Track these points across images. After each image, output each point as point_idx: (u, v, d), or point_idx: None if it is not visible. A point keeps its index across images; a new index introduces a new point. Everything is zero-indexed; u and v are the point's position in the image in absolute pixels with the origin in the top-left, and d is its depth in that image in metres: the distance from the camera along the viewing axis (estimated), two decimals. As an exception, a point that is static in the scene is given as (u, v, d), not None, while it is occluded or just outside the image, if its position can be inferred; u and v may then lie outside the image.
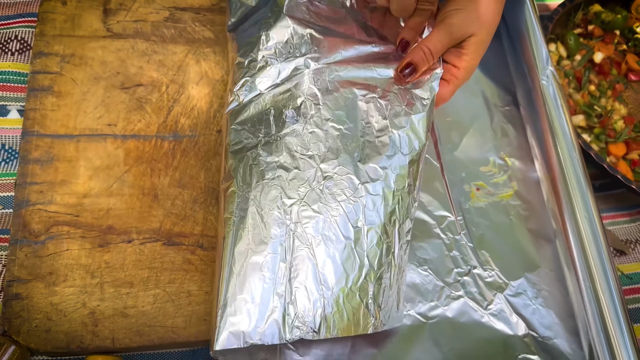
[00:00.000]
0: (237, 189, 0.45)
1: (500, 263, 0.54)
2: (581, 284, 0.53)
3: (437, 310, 0.51)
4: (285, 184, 0.45)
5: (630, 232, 0.67)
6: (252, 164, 0.46)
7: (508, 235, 0.56)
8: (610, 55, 0.78)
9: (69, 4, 0.61)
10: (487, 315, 0.51)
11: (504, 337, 0.51)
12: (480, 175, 0.60)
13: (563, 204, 0.56)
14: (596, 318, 0.51)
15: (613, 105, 0.73)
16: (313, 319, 0.42)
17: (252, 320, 0.41)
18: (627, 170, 0.68)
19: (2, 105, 0.59)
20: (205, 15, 0.63)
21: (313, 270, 0.43)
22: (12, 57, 0.62)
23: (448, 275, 0.52)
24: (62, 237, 0.49)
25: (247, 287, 0.42)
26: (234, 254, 0.43)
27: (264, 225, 0.44)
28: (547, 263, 0.56)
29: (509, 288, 0.53)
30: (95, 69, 0.57)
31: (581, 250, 0.54)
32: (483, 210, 0.57)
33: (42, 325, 0.46)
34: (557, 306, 0.53)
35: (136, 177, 0.53)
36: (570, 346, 0.52)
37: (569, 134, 0.59)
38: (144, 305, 0.47)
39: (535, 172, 0.61)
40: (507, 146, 0.62)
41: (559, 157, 0.58)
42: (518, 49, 0.66)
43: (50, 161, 0.52)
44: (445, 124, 0.62)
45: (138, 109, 0.56)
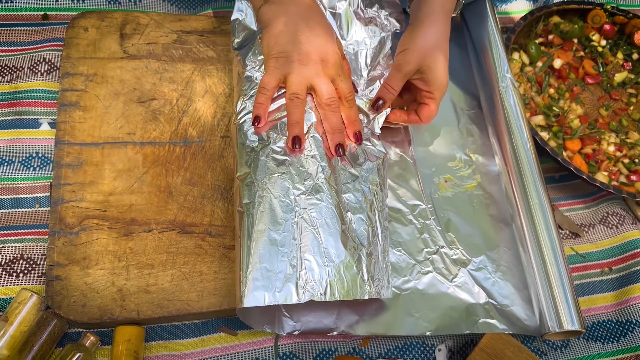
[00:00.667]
0: (255, 180, 0.55)
1: (464, 243, 0.63)
2: (532, 260, 0.62)
3: (409, 284, 0.60)
4: (294, 178, 0.55)
5: (585, 217, 0.76)
6: (266, 160, 0.55)
7: (471, 220, 0.66)
8: (569, 61, 0.87)
9: (90, 30, 0.70)
10: (452, 286, 0.60)
11: (467, 305, 0.60)
12: (448, 170, 0.69)
13: (519, 192, 0.66)
14: (545, 289, 0.60)
15: (570, 106, 0.82)
16: (320, 284, 0.51)
17: (272, 284, 0.50)
18: (581, 163, 0.77)
19: (34, 118, 0.69)
20: (208, 37, 0.72)
21: (318, 246, 0.53)
22: (42, 77, 0.72)
23: (419, 254, 0.62)
24: (92, 229, 0.59)
25: (267, 258, 0.51)
26: (254, 232, 0.52)
27: (279, 209, 0.53)
28: (505, 243, 0.65)
29: (472, 264, 0.62)
30: (115, 86, 0.67)
31: (533, 231, 0.63)
32: (450, 199, 0.67)
33: (78, 301, 0.55)
34: (513, 279, 0.63)
35: (153, 177, 0.62)
36: (525, 312, 0.61)
37: (525, 133, 0.69)
38: (163, 283, 0.57)
39: (495, 166, 0.70)
40: (472, 144, 0.72)
41: (515, 153, 0.67)
42: (481, 60, 0.76)
43: (80, 165, 0.62)
44: (418, 126, 0.71)
45: (153, 120, 0.65)
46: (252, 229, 0.52)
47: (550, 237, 0.62)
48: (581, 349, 0.65)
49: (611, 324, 0.68)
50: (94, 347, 0.56)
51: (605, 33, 0.89)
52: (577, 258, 0.72)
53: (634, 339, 0.67)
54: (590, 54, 0.89)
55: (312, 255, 0.52)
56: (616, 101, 0.86)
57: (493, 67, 0.74)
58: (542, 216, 0.63)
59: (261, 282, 0.50)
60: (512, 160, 0.67)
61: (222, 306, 0.57)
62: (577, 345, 0.65)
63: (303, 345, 0.60)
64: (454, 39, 0.82)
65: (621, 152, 0.79)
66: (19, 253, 0.60)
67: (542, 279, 0.61)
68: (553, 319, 0.59)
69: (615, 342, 0.67)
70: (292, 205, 0.54)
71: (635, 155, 0.79)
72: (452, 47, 0.81)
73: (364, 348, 0.61)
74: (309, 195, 0.55)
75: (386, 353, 0.61)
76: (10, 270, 0.60)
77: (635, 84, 0.88)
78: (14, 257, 0.60)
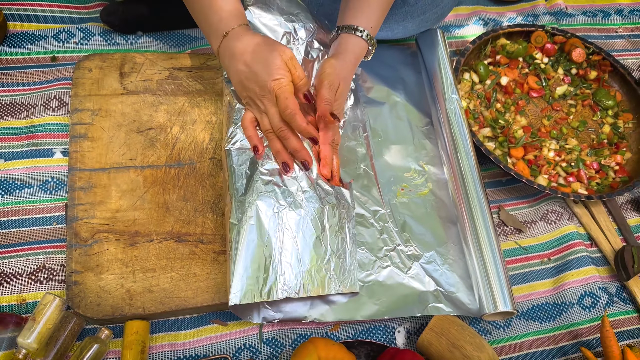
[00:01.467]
0: (245, 198, 0.66)
1: (417, 241, 0.75)
2: (473, 253, 0.73)
3: (371, 276, 0.71)
4: (278, 196, 0.67)
5: (528, 215, 0.88)
6: (255, 181, 0.67)
7: (424, 221, 0.77)
8: (515, 78, 0.99)
9: (94, 71, 0.82)
10: (407, 277, 0.72)
11: (419, 292, 0.71)
12: (404, 179, 0.81)
13: (462, 197, 0.77)
14: (483, 277, 0.72)
15: (515, 118, 0.94)
16: (295, 284, 0.63)
17: (256, 286, 0.62)
18: (524, 168, 0.88)
19: (49, 148, 0.80)
20: (196, 72, 0.84)
21: (295, 253, 0.65)
22: (54, 112, 0.83)
23: (379, 251, 0.73)
24: (103, 241, 0.70)
25: (254, 262, 0.63)
26: (245, 242, 0.63)
27: (265, 222, 0.65)
28: (452, 240, 0.76)
29: (423, 258, 0.74)
30: (117, 118, 0.78)
31: (474, 229, 0.74)
32: (406, 204, 0.78)
33: (94, 302, 0.66)
34: (459, 270, 0.74)
35: (152, 196, 0.74)
36: (468, 297, 0.72)
37: (468, 146, 0.81)
38: (164, 283, 0.68)
39: (444, 175, 0.82)
40: (425, 156, 0.83)
41: (459, 163, 0.79)
42: (432, 82, 0.88)
43: (90, 188, 0.73)
44: (378, 142, 0.83)
45: (151, 146, 0.77)
46: (243, 239, 0.63)
47: (488, 234, 0.74)
48: (521, 327, 0.77)
49: (548, 306, 0.79)
50: (108, 339, 0.67)
51: (547, 51, 1.01)
52: (520, 251, 0.83)
53: (567, 318, 0.78)
54: (534, 71, 1.01)
55: (289, 260, 0.64)
56: (557, 112, 0.97)
57: (442, 89, 0.85)
58: (482, 216, 0.75)
59: (250, 281, 0.62)
60: (457, 170, 0.79)
61: (213, 301, 0.68)
62: (518, 324, 0.77)
63: (283, 332, 0.71)
64: (410, 64, 0.95)
65: (560, 157, 0.91)
66: (42, 264, 0.72)
67: (480, 269, 0.72)
68: (490, 302, 0.70)
69: (552, 321, 0.78)
70: (276, 219, 0.65)
71: (572, 159, 0.91)
72: (409, 71, 0.94)
73: (335, 332, 0.72)
74: (290, 210, 0.66)
75: (354, 335, 0.72)
76: (35, 278, 0.71)
77: (574, 95, 0.99)
78: (37, 268, 0.71)
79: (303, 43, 0.80)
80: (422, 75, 0.92)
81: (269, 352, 0.70)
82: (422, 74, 0.92)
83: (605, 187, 0.89)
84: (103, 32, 0.92)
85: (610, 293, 0.81)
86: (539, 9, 1.12)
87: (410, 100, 0.89)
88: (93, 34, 0.91)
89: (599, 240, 0.86)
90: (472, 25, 1.07)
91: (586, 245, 0.85)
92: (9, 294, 0.70)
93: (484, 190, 0.77)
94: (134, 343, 0.66)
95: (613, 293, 0.82)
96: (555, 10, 1.13)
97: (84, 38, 0.91)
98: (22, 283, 0.70)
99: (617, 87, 1.01)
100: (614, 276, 0.83)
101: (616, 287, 0.83)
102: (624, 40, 1.14)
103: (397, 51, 0.96)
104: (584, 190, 0.87)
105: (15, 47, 0.89)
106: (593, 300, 0.79)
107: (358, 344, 0.68)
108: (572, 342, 0.77)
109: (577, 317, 0.78)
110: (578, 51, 1.01)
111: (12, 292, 0.70)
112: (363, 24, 0.72)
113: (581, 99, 0.99)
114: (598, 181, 0.90)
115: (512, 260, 0.82)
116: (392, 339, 0.73)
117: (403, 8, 0.87)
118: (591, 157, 0.92)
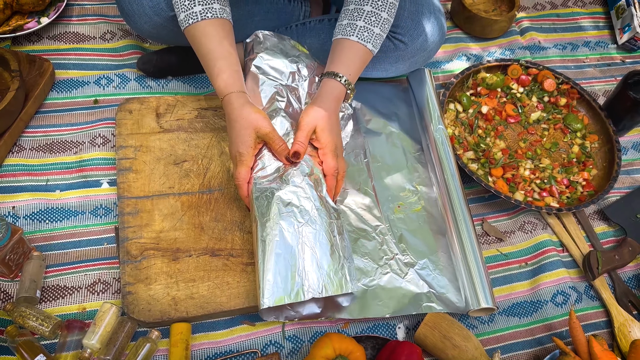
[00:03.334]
0: (269, 219, 0.78)
1: (413, 250, 0.88)
2: (459, 260, 0.87)
3: (374, 282, 0.84)
4: (297, 215, 0.79)
5: (508, 226, 1.02)
6: (276, 203, 0.79)
7: (418, 234, 0.91)
8: (494, 106, 1.13)
9: (133, 113, 0.96)
10: (404, 282, 0.85)
11: (415, 294, 0.84)
12: (400, 198, 0.95)
13: (449, 212, 0.91)
14: (468, 280, 0.85)
15: (494, 142, 1.08)
16: (317, 286, 0.76)
17: (286, 290, 0.74)
18: (503, 185, 1.02)
19: (97, 180, 0.94)
20: (220, 111, 0.99)
21: (315, 261, 0.77)
22: (99, 148, 0.97)
23: (380, 260, 0.86)
24: (150, 257, 0.84)
25: (283, 273, 0.75)
26: (272, 255, 0.76)
27: (288, 237, 0.77)
28: (442, 249, 0.90)
29: (418, 265, 0.87)
30: (156, 153, 0.93)
31: (460, 239, 0.88)
32: (402, 220, 0.92)
33: (145, 308, 0.80)
34: (448, 274, 0.88)
35: (189, 218, 0.87)
36: (456, 297, 0.85)
37: (453, 168, 0.95)
38: (203, 291, 0.82)
39: (434, 194, 0.96)
40: (417, 178, 0.98)
41: (445, 183, 0.93)
42: (422, 114, 1.03)
43: (137, 213, 0.87)
44: (376, 166, 0.97)
45: (186, 176, 0.91)
46: (271, 252, 0.76)
47: (471, 243, 0.87)
48: (503, 322, 0.90)
49: (526, 303, 0.93)
50: (157, 339, 0.80)
51: (522, 82, 1.16)
52: (501, 257, 0.97)
53: (542, 313, 0.92)
54: (511, 100, 1.15)
55: (311, 267, 0.77)
56: (532, 135, 1.12)
57: (430, 120, 1.00)
58: (466, 229, 0.89)
59: (281, 288, 0.74)
60: (444, 189, 0.93)
61: (244, 305, 0.81)
62: (500, 319, 0.90)
63: (302, 330, 0.85)
64: (403, 98, 1.10)
65: (534, 175, 1.05)
66: (97, 278, 0.85)
67: (466, 273, 0.86)
68: (474, 300, 0.84)
69: (529, 316, 0.92)
70: (296, 234, 0.78)
71: (545, 177, 1.05)
72: (402, 104, 1.09)
73: (346, 329, 0.86)
74: (308, 226, 0.79)
75: (361, 331, 0.86)
76: (93, 290, 0.84)
77: (547, 120, 1.14)
78: (94, 282, 0.85)
79: (306, 79, 0.94)
80: (413, 108, 1.06)
81: (290, 347, 0.83)
82: (413, 107, 1.07)
83: (574, 200, 1.03)
84: (138, 77, 1.06)
85: (579, 291, 0.95)
86: (515, 44, 1.27)
87: (404, 130, 1.04)
88: (129, 79, 1.06)
89: (570, 246, 1.00)
90: (456, 61, 1.22)
91: (558, 251, 0.99)
92: (72, 304, 0.83)
93: (468, 206, 0.91)
94: (179, 342, 0.79)
95: (582, 291, 0.95)
96: (529, 44, 1.28)
97: (121, 83, 1.05)
98: (82, 294, 0.84)
99: (584, 112, 1.15)
100: (583, 277, 0.97)
101: (584, 286, 0.96)
102: (592, 68, 1.29)
103: (392, 88, 1.11)
104: (556, 204, 1.01)
105: (62, 92, 1.03)
106: (564, 297, 0.93)
107: (365, 338, 0.82)
108: (547, 333, 0.90)
109: (550, 313, 0.91)
110: (549, 81, 1.15)
111: (75, 303, 0.83)
112: (343, 71, 0.86)
113: (553, 123, 1.13)
114: (568, 195, 1.04)
115: (495, 265, 0.96)
116: (393, 333, 0.86)
117: (395, 52, 1.02)
118: (562, 175, 1.06)
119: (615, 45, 1.34)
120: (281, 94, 0.90)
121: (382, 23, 0.87)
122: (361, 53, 0.87)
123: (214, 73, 0.84)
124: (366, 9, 0.86)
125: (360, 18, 0.86)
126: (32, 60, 1.01)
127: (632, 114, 1.09)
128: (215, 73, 0.84)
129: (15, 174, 0.93)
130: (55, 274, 0.85)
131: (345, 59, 0.87)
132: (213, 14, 0.83)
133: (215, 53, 0.83)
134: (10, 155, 0.94)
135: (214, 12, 0.83)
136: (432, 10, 1.02)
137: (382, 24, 0.87)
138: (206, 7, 0.83)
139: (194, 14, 0.83)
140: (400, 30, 0.99)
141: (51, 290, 0.83)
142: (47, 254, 0.86)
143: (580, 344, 0.82)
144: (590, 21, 1.37)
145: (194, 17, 0.83)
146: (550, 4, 1.39)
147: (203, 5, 0.82)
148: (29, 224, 0.88)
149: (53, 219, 0.89)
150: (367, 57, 0.89)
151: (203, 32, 0.83)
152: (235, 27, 0.92)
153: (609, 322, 0.92)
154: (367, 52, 0.87)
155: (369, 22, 0.86)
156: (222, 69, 0.83)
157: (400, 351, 0.76)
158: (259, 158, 0.85)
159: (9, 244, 0.78)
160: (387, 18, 0.87)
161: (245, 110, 0.82)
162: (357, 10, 0.86)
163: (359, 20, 0.86)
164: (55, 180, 0.93)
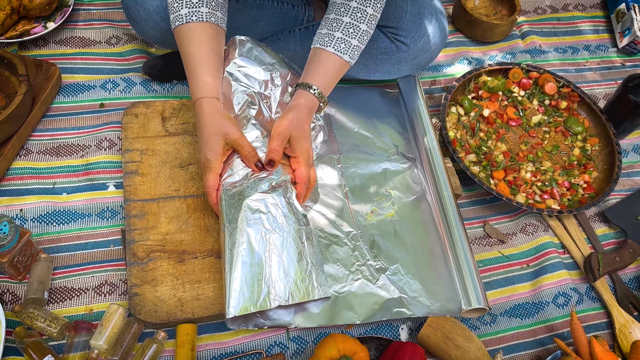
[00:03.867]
0: (238, 225, 0.77)
1: (384, 256, 0.87)
2: (452, 262, 0.88)
3: (345, 288, 0.83)
4: (264, 222, 0.79)
5: (509, 228, 1.03)
6: (244, 210, 0.78)
7: (390, 239, 0.89)
8: (495, 109, 1.15)
9: (139, 117, 0.98)
10: (375, 287, 0.83)
11: (386, 299, 0.82)
12: (374, 203, 0.94)
13: (440, 217, 0.92)
14: (461, 282, 0.85)
15: (496, 145, 1.09)
16: (284, 294, 0.75)
17: (252, 299, 0.74)
18: (504, 188, 1.03)
19: (103, 182, 0.95)
20: (225, 115, 1.00)
21: (282, 268, 0.77)
22: (105, 151, 0.99)
23: (352, 266, 0.85)
24: (156, 259, 0.85)
25: (248, 280, 0.74)
26: (239, 263, 0.75)
27: (255, 245, 0.77)
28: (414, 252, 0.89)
29: (389, 270, 0.86)
30: (162, 156, 0.94)
31: (452, 243, 0.89)
32: (375, 225, 0.91)
33: (152, 309, 0.81)
34: (420, 278, 0.86)
35: (195, 220, 0.89)
36: (429, 301, 0.84)
37: (443, 172, 0.96)
38: (208, 292, 0.83)
39: (408, 199, 0.95)
40: (391, 182, 0.97)
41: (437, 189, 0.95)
42: (412, 122, 1.04)
43: (143, 215, 0.88)
44: (350, 172, 0.96)
45: (191, 179, 0.92)
46: (237, 261, 0.74)
47: (463, 247, 0.88)
48: (505, 323, 0.91)
49: (528, 305, 0.94)
50: (164, 340, 0.81)
51: (523, 86, 1.17)
52: (503, 259, 0.98)
53: (544, 314, 0.93)
54: (512, 103, 1.17)
55: (278, 275, 0.76)
56: (533, 138, 1.13)
57: (420, 126, 1.02)
58: (458, 232, 0.90)
59: (247, 297, 0.73)
60: (435, 194, 0.95)
61: (249, 306, 0.82)
62: (502, 320, 0.91)
63: (306, 331, 0.86)
64: (393, 105, 1.11)
65: (536, 178, 1.06)
66: (104, 280, 0.86)
67: (457, 274, 0.86)
68: (465, 300, 0.84)
69: (531, 317, 0.93)
70: (264, 242, 0.77)
71: (546, 179, 1.06)
72: (394, 109, 1.10)
73: (349, 330, 0.87)
74: (275, 233, 0.78)
75: (365, 332, 0.87)
76: (100, 292, 0.86)
77: (548, 123, 1.15)
78: (101, 283, 0.86)
79: (278, 88, 0.93)
80: (404, 116, 1.08)
81: (295, 348, 0.84)
82: (403, 112, 1.08)
83: (575, 203, 1.04)
84: (143, 82, 1.08)
85: (580, 293, 0.96)
86: (516, 48, 1.29)
87: (378, 135, 1.03)
88: (135, 83, 1.07)
89: (571, 248, 1.01)
90: (458, 64, 1.23)
91: (559, 252, 1.00)
92: (79, 305, 0.84)
93: (459, 211, 0.92)
94: (185, 343, 0.80)
95: (583, 293, 0.96)
96: (530, 48, 1.30)
97: (127, 87, 1.07)
98: (89, 296, 0.85)
99: (584, 115, 1.16)
100: (584, 278, 0.98)
101: (585, 288, 0.97)
102: (592, 72, 1.30)
103: (369, 91, 1.12)
104: (557, 206, 1.02)
105: (69, 96, 1.04)
106: (565, 299, 0.94)
107: (369, 339, 0.83)
108: (548, 334, 0.91)
109: (552, 314, 0.92)
110: (550, 85, 1.17)
111: (82, 304, 0.84)
112: (317, 83, 0.87)
113: (554, 126, 1.15)
114: (569, 197, 1.05)
115: (496, 267, 0.97)
116: (396, 334, 0.87)
117: (398, 54, 1.03)
118: (563, 177, 1.07)
119: (616, 48, 1.35)
120: (253, 102, 0.90)
121: (361, 35, 0.86)
122: (337, 65, 0.87)
123: (190, 77, 0.84)
124: (345, 20, 0.85)
125: (339, 29, 0.86)
126: (39, 64, 1.02)
127: (632, 117, 1.11)
128: (190, 77, 0.84)
129: (23, 177, 0.94)
130: (62, 275, 0.86)
131: (321, 70, 0.87)
132: (198, 18, 0.83)
133: (194, 56, 0.83)
134: (18, 158, 0.95)
135: (200, 16, 0.83)
136: (434, 12, 1.03)
137: (361, 35, 0.86)
138: (192, 11, 0.83)
139: (180, 17, 0.83)
140: (402, 32, 1.00)
141: (59, 292, 0.85)
142: (55, 256, 0.87)
143: (582, 344, 0.83)
144: (590, 25, 1.39)
145: (180, 20, 0.83)
146: (551, 8, 1.41)
147: (190, 8, 0.83)
148: (37, 227, 0.89)
149: (60, 222, 0.90)
150: (344, 68, 0.88)
151: (186, 35, 0.83)
152: (240, 32, 0.94)
153: (610, 323, 0.93)
154: (344, 63, 0.87)
155: (346, 33, 0.85)
156: (197, 73, 0.83)
157: (404, 352, 0.77)
158: (228, 165, 0.84)
159: (17, 246, 0.79)
160: (366, 30, 0.86)
161: (215, 117, 0.82)
162: (337, 20, 0.86)
163: (337, 32, 0.86)
164: (62, 183, 0.94)
